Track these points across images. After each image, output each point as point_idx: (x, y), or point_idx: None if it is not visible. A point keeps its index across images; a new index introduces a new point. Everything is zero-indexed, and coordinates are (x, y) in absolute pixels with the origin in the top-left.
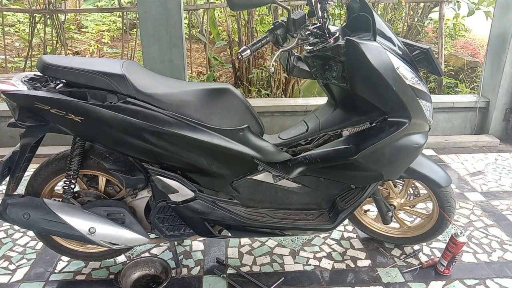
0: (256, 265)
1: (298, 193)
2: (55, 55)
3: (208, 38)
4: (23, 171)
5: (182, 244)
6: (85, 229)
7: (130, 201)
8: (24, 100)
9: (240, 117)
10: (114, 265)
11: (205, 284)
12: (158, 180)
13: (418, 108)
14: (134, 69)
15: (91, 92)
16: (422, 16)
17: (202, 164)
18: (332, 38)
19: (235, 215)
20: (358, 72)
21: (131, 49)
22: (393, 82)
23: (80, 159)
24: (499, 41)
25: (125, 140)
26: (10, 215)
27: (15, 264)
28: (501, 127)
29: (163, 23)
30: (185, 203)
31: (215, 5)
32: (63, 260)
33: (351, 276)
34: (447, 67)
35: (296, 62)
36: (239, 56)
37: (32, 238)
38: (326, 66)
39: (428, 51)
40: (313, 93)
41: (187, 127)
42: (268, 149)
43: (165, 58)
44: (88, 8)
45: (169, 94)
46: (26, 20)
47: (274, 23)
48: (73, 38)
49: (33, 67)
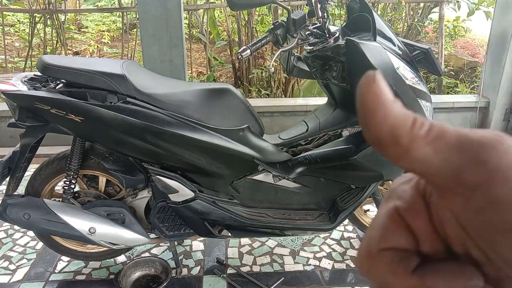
0: (256, 265)
1: (298, 193)
2: (55, 55)
3: (208, 38)
4: (23, 171)
5: (182, 244)
6: (85, 229)
7: (130, 201)
8: (24, 100)
9: (240, 117)
10: (114, 265)
11: (205, 284)
12: (158, 180)
13: (418, 108)
14: (134, 69)
15: (91, 92)
16: (422, 16)
17: (202, 164)
18: (332, 38)
19: (235, 215)
20: (358, 72)
21: (131, 49)
22: (393, 82)
23: (80, 159)
24: (499, 41)
25: (125, 140)
26: (10, 215)
27: (15, 264)
28: (501, 127)
29: (163, 23)
30: (185, 203)
31: (215, 5)
32: (63, 260)
33: (351, 276)
34: (447, 67)
35: (296, 62)
36: (239, 56)
37: (32, 238)
38: (326, 66)
39: (428, 51)
40: (313, 93)
41: (187, 127)
42: (268, 149)
43: (165, 58)
44: (88, 8)
45: (169, 94)
46: (26, 20)
47: (274, 23)
48: (73, 38)
49: (33, 67)
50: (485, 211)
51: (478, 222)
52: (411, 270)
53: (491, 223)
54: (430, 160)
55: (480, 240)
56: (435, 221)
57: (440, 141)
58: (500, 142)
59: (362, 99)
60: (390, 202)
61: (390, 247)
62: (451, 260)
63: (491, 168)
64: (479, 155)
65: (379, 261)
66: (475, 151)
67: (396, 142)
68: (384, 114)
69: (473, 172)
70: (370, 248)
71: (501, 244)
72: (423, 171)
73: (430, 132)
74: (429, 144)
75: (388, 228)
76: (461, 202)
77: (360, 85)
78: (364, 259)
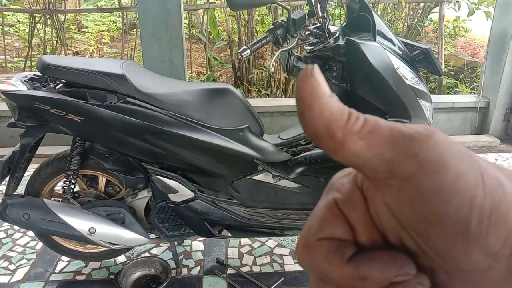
0: (256, 265)
1: (298, 193)
2: (55, 55)
3: (208, 38)
4: (23, 171)
5: (182, 244)
6: (85, 229)
7: (130, 201)
8: (24, 100)
9: (240, 117)
10: (114, 265)
11: (205, 284)
12: (158, 180)
13: (418, 108)
14: (134, 69)
15: (91, 92)
16: (422, 16)
17: (202, 164)
18: (332, 38)
19: (235, 215)
20: (358, 72)
21: (131, 49)
22: (393, 82)
23: (80, 159)
24: (499, 41)
25: (125, 140)
26: (10, 215)
27: (15, 264)
28: (501, 127)
29: (163, 23)
30: (185, 203)
31: (215, 5)
32: (63, 260)
33: None
34: (447, 67)
35: (296, 62)
36: (239, 56)
37: (32, 238)
38: (326, 66)
39: (428, 51)
40: None
41: (187, 127)
42: (268, 149)
43: (165, 58)
44: (88, 8)
45: (169, 94)
46: (26, 20)
47: (274, 23)
48: (73, 38)
49: (33, 67)
50: (416, 202)
51: (410, 213)
52: (346, 259)
53: (421, 214)
54: (364, 154)
55: (412, 231)
56: (372, 213)
57: (373, 135)
58: (429, 136)
59: (299, 93)
60: (329, 195)
61: (327, 237)
62: (386, 250)
63: (420, 161)
64: (410, 148)
65: (316, 250)
66: (407, 144)
67: (331, 136)
68: (320, 108)
69: (404, 164)
70: (307, 239)
71: (432, 235)
72: (357, 164)
73: (364, 127)
74: (362, 138)
75: (326, 219)
76: (394, 194)
77: (298, 79)
78: (302, 249)
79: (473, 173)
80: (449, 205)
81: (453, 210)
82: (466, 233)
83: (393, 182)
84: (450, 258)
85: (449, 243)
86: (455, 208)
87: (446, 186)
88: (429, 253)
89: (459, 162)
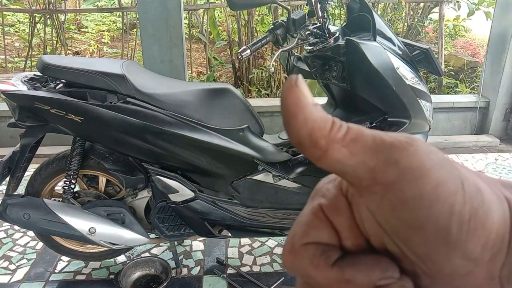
0: (256, 265)
1: (298, 193)
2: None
3: (208, 38)
4: (23, 171)
5: (182, 244)
6: (85, 229)
7: (130, 201)
8: (24, 100)
9: (240, 117)
10: (114, 265)
11: (205, 284)
12: (158, 180)
13: (418, 108)
14: (134, 69)
15: (91, 92)
16: (422, 16)
17: (202, 164)
18: (332, 38)
19: (235, 215)
20: (358, 72)
21: (131, 49)
22: (393, 82)
23: (80, 159)
24: (499, 41)
25: (125, 140)
26: (10, 215)
27: (15, 264)
28: (501, 127)
29: (163, 23)
30: (185, 203)
31: (215, 5)
32: (63, 260)
33: None
34: (447, 67)
35: (296, 62)
36: (239, 56)
37: (32, 238)
38: (326, 66)
39: (428, 51)
40: (313, 93)
41: (187, 127)
42: (268, 149)
43: (165, 58)
44: (88, 8)
45: (169, 94)
46: (26, 20)
47: (274, 23)
48: (73, 38)
49: (33, 67)
50: (398, 209)
51: (392, 219)
52: (331, 263)
53: (403, 220)
54: (347, 161)
55: (395, 237)
56: (356, 219)
57: (356, 143)
58: (409, 143)
59: (284, 103)
60: (314, 200)
61: (313, 241)
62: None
63: (401, 168)
64: (391, 156)
65: (302, 255)
66: (388, 152)
67: (315, 145)
68: (304, 117)
69: (386, 172)
70: (293, 243)
71: (413, 241)
72: (341, 172)
73: (347, 135)
74: (345, 146)
75: (311, 224)
76: (377, 201)
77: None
78: (287, 254)
79: (453, 180)
80: (430, 211)
81: (433, 216)
82: (447, 238)
83: (376, 189)
84: (431, 262)
85: (430, 248)
86: (435, 214)
87: (426, 192)
88: (411, 258)
89: (439, 169)
